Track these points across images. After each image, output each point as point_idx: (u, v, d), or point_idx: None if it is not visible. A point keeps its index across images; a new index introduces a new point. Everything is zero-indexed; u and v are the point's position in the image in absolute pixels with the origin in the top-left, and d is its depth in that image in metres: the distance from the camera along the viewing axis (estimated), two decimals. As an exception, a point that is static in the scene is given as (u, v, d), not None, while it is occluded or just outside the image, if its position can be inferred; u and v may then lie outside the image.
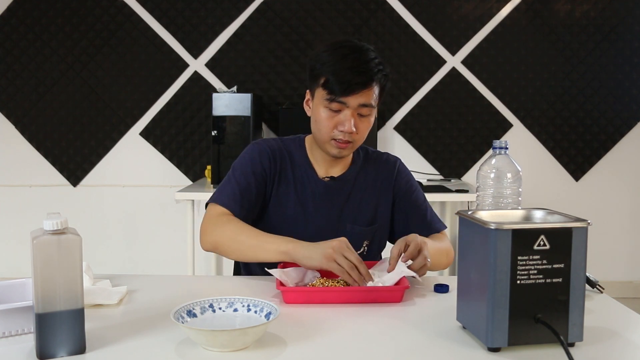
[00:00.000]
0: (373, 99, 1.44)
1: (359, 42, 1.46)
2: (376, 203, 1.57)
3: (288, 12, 3.69)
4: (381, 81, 1.45)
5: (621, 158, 3.77)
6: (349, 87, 1.40)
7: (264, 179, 1.52)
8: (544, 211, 1.04)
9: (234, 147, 3.21)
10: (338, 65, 1.40)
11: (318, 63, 1.44)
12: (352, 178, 1.57)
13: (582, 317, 0.95)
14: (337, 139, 1.45)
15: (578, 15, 3.67)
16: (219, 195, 1.48)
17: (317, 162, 1.56)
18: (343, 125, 1.43)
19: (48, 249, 0.88)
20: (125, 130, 3.79)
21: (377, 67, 1.42)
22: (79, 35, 3.72)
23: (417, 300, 1.24)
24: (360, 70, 1.40)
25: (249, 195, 1.48)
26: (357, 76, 1.39)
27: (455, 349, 0.97)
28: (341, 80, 1.39)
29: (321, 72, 1.43)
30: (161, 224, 3.81)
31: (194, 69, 3.73)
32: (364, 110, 1.45)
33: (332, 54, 1.42)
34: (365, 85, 1.41)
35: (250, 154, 1.54)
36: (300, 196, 1.53)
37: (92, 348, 0.95)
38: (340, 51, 1.42)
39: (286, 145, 1.58)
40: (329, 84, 1.41)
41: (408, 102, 3.74)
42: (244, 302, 1.07)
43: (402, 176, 1.62)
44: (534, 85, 3.72)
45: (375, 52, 1.46)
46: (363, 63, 1.40)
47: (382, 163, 1.62)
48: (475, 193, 1.22)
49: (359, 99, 1.42)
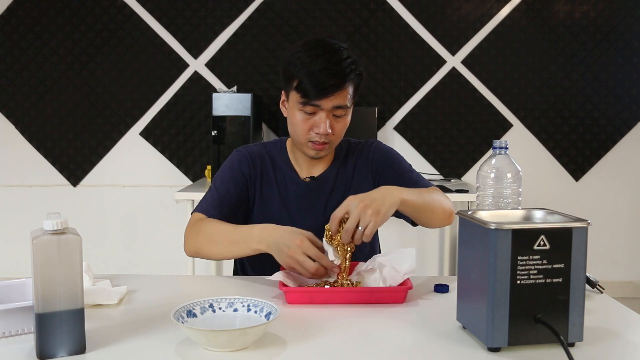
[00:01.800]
0: (347, 99, 1.42)
1: (332, 41, 1.43)
2: (356, 191, 1.52)
3: (288, 12, 3.69)
4: (355, 81, 1.43)
5: (621, 158, 3.77)
6: (321, 90, 1.38)
7: (245, 184, 1.53)
8: (544, 211, 1.04)
9: (234, 147, 3.19)
10: (310, 68, 1.38)
11: (291, 65, 1.42)
12: (333, 175, 1.57)
13: (582, 317, 0.95)
14: (314, 140, 1.45)
15: (578, 16, 3.67)
16: (200, 204, 1.51)
17: (298, 163, 1.57)
18: (319, 128, 1.42)
19: (48, 249, 0.88)
20: (125, 130, 3.79)
21: (349, 67, 1.40)
22: (79, 35, 3.72)
23: (417, 300, 1.23)
24: (333, 72, 1.37)
25: (228, 200, 1.49)
26: (330, 78, 1.37)
27: (455, 349, 0.97)
28: (314, 83, 1.37)
29: (294, 75, 1.41)
30: (161, 224, 3.81)
31: (194, 69, 3.74)
32: (339, 112, 1.43)
33: (305, 55, 1.39)
34: (339, 87, 1.39)
35: (230, 162, 1.56)
36: (283, 198, 1.54)
37: (92, 348, 0.95)
38: (313, 52, 1.39)
39: (268, 149, 1.59)
40: (302, 87, 1.39)
41: (408, 102, 3.74)
42: (244, 302, 1.07)
43: (378, 154, 1.58)
44: (534, 85, 3.72)
45: (348, 50, 1.43)
46: (335, 64, 1.38)
47: (359, 152, 1.60)
48: (475, 193, 1.22)
49: (333, 101, 1.40)
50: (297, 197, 1.54)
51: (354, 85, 1.44)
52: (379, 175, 1.57)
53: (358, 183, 1.57)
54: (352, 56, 1.43)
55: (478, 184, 1.20)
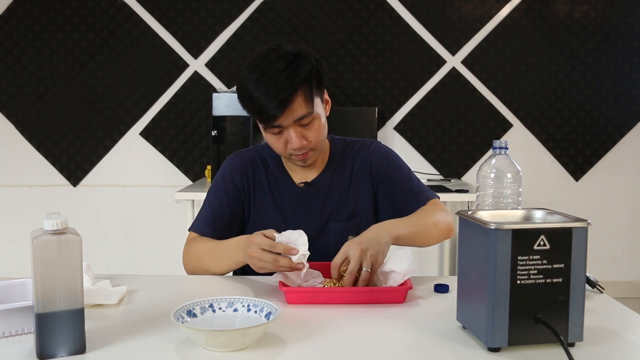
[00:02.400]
0: (305, 106, 1.37)
1: (270, 54, 1.36)
2: (354, 196, 1.53)
3: (288, 12, 3.69)
4: (304, 85, 1.35)
5: (621, 158, 3.77)
6: (270, 116, 1.35)
7: (238, 196, 1.52)
8: (544, 211, 1.04)
9: (234, 147, 3.21)
10: (252, 97, 1.35)
11: (239, 95, 1.41)
12: (328, 178, 1.55)
13: (582, 317, 0.95)
14: (294, 154, 1.44)
15: (578, 16, 3.67)
16: (195, 222, 1.53)
17: (292, 168, 1.55)
18: (291, 144, 1.40)
19: (48, 249, 0.88)
20: (125, 130, 3.79)
21: (288, 79, 1.33)
22: (79, 35, 3.72)
23: (417, 300, 1.23)
24: (272, 94, 1.32)
25: (221, 215, 1.50)
26: (274, 100, 1.33)
27: (455, 349, 0.97)
28: (262, 110, 1.35)
29: (244, 105, 1.40)
30: (161, 224, 3.81)
31: (194, 69, 3.74)
32: (304, 121, 1.38)
33: (247, 83, 1.36)
34: (285, 105, 1.33)
35: (222, 174, 1.55)
36: (278, 204, 1.53)
37: (92, 348, 0.95)
38: (252, 77, 1.35)
39: (261, 154, 1.57)
40: (256, 116, 1.39)
41: (408, 102, 3.74)
42: (244, 302, 1.07)
43: (378, 158, 1.55)
44: (534, 85, 3.72)
45: (286, 56, 1.35)
46: (273, 84, 1.32)
47: (357, 152, 1.57)
48: (475, 193, 1.22)
49: (291, 116, 1.36)
50: (292, 203, 1.53)
51: (305, 90, 1.36)
52: (378, 183, 1.55)
53: (357, 189, 1.54)
54: (291, 62, 1.35)
55: (478, 184, 1.20)
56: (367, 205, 1.54)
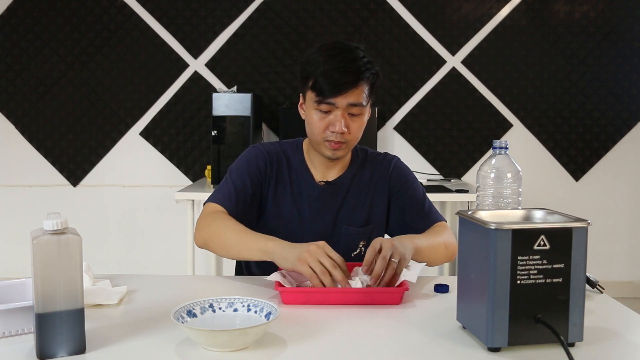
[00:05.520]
0: (363, 97, 1.43)
1: (348, 43, 1.46)
2: (370, 204, 1.56)
3: (288, 12, 3.69)
4: (370, 79, 1.45)
5: (621, 158, 3.77)
6: (336, 87, 1.40)
7: (260, 180, 1.52)
8: (544, 211, 1.04)
9: (234, 147, 3.21)
10: (326, 66, 1.40)
11: (307, 65, 1.45)
12: (347, 181, 1.57)
13: (582, 317, 0.95)
14: (330, 140, 1.45)
15: (578, 16, 3.67)
16: (216, 194, 1.50)
17: (314, 165, 1.56)
18: (334, 126, 1.43)
19: (48, 249, 0.88)
20: (125, 130, 3.79)
21: (365, 66, 1.42)
22: (79, 35, 3.72)
23: (417, 300, 1.23)
24: (348, 69, 1.40)
25: (244, 195, 1.49)
26: (345, 75, 1.39)
27: (455, 349, 0.97)
28: (329, 81, 1.40)
29: (310, 74, 1.43)
30: (161, 224, 3.81)
31: (194, 69, 3.73)
32: (355, 110, 1.44)
33: (320, 56, 1.43)
34: (354, 84, 1.41)
35: (247, 156, 1.55)
36: (296, 199, 1.54)
37: (92, 348, 0.95)
38: (328, 52, 1.43)
39: (284, 148, 1.59)
40: (318, 85, 1.41)
41: (408, 102, 3.74)
42: (244, 302, 1.07)
43: (397, 173, 1.60)
44: (534, 85, 3.72)
45: (364, 51, 1.46)
46: (350, 62, 1.40)
47: (378, 163, 1.61)
48: (475, 193, 1.22)
49: (348, 98, 1.41)
50: (310, 200, 1.54)
51: (369, 83, 1.45)
52: (393, 195, 1.58)
53: (373, 197, 1.57)
54: (368, 57, 1.45)
55: (478, 184, 1.20)
56: (381, 215, 1.57)
